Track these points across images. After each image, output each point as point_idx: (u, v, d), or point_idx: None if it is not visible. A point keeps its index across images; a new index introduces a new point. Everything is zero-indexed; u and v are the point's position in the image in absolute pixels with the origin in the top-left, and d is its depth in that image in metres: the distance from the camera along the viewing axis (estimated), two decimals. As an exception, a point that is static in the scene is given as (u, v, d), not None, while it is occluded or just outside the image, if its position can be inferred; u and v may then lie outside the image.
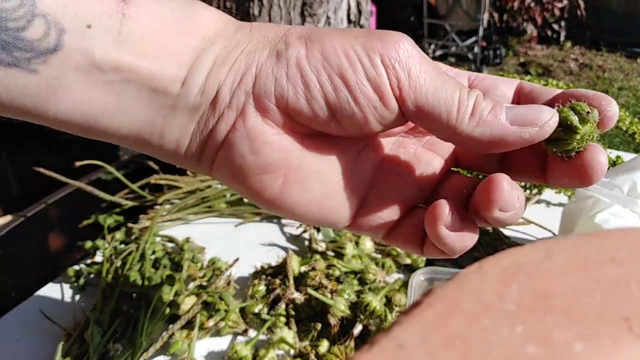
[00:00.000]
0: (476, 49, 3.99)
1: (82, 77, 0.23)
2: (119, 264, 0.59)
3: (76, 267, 0.61)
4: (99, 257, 0.64)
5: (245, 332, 0.52)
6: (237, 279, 0.59)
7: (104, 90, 0.23)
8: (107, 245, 0.63)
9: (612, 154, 0.79)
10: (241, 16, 0.94)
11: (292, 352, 0.49)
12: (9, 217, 0.64)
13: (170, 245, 0.64)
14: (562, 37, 4.49)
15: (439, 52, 4.23)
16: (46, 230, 0.67)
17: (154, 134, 0.25)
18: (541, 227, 0.66)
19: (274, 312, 0.52)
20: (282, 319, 0.51)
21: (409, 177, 0.28)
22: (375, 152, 0.28)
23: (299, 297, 0.53)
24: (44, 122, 0.24)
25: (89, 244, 0.64)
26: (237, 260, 0.59)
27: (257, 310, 0.53)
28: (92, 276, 0.61)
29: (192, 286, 0.57)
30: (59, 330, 0.53)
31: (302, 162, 0.26)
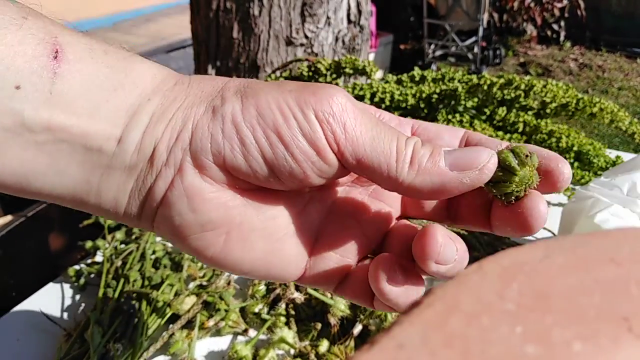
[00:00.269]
0: (476, 49, 3.99)
1: (12, 139, 0.22)
2: (120, 263, 0.59)
3: (76, 267, 0.61)
4: (99, 257, 0.64)
5: (245, 331, 0.52)
6: (237, 278, 0.59)
7: (36, 151, 0.22)
8: (107, 245, 0.63)
9: (612, 154, 0.79)
10: (241, 16, 0.94)
11: (292, 351, 0.49)
12: (9, 217, 0.64)
13: (170, 245, 0.65)
14: (562, 37, 4.49)
15: (438, 52, 4.23)
16: (46, 230, 0.67)
17: (91, 193, 0.24)
18: (541, 227, 0.66)
19: (274, 311, 0.52)
20: (282, 319, 0.51)
21: (356, 229, 0.27)
22: (321, 204, 0.28)
23: (299, 296, 0.53)
24: None
25: (89, 244, 0.64)
26: (237, 260, 0.59)
27: (257, 310, 0.53)
28: (92, 276, 0.61)
29: (192, 286, 0.57)
30: (59, 330, 0.53)
31: (245, 219, 0.25)
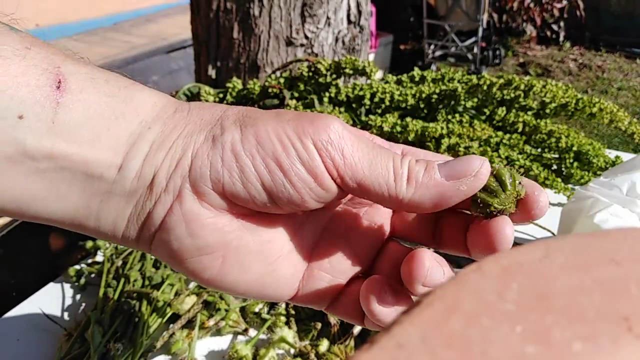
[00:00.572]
0: (475, 50, 3.99)
1: (14, 166, 0.22)
2: (120, 263, 0.59)
3: (77, 267, 0.61)
4: (99, 257, 0.64)
5: (245, 331, 0.53)
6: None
7: (37, 177, 0.23)
8: (107, 245, 0.63)
9: (611, 154, 0.80)
10: (241, 17, 0.94)
11: (292, 351, 0.49)
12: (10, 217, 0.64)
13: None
14: (562, 38, 4.49)
15: (438, 53, 4.23)
16: (47, 230, 0.67)
17: (90, 218, 0.25)
18: (540, 227, 0.66)
19: (274, 311, 0.52)
20: (282, 319, 0.52)
21: (348, 250, 0.28)
22: (315, 226, 0.29)
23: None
24: None
25: (89, 244, 0.64)
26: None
27: (257, 309, 0.54)
28: (92, 276, 0.61)
29: (192, 286, 0.57)
30: (59, 329, 0.53)
31: (241, 243, 0.26)
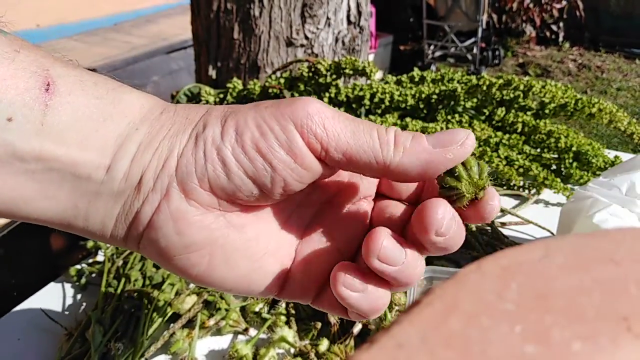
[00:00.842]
0: (475, 50, 3.99)
1: (3, 168, 0.23)
2: (121, 263, 0.59)
3: (78, 267, 0.61)
4: (100, 257, 0.64)
5: (246, 331, 0.53)
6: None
7: (26, 178, 0.23)
8: (108, 244, 0.63)
9: (611, 154, 0.80)
10: (242, 17, 0.94)
11: (292, 350, 0.49)
12: (10, 217, 0.64)
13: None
14: (561, 38, 4.49)
15: (438, 53, 4.23)
16: (48, 230, 0.67)
17: (79, 217, 0.25)
18: (540, 226, 0.66)
19: (275, 311, 0.52)
20: (283, 318, 0.52)
21: (331, 244, 0.29)
22: (299, 222, 0.29)
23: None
24: None
25: (90, 244, 0.64)
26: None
27: (257, 309, 0.54)
28: (93, 275, 0.61)
29: (192, 285, 0.57)
30: (60, 329, 0.53)
31: (227, 240, 0.27)
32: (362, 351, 0.12)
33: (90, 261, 0.63)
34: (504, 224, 0.68)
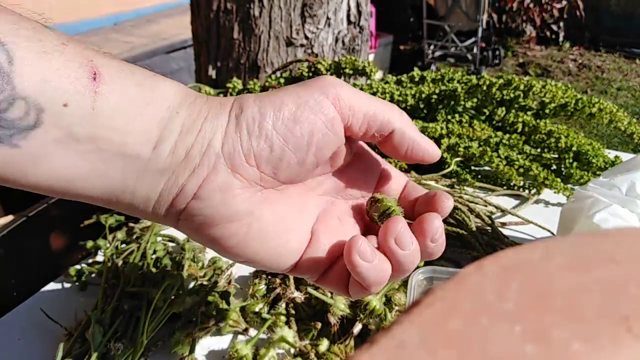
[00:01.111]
0: (475, 50, 3.99)
1: (60, 148, 0.25)
2: (120, 263, 0.59)
3: (77, 267, 0.61)
4: (100, 257, 0.64)
5: (245, 331, 0.53)
6: (238, 278, 0.60)
7: (80, 158, 0.26)
8: (108, 244, 0.63)
9: (611, 154, 0.80)
10: (241, 17, 0.94)
11: (292, 351, 0.49)
12: (10, 217, 0.64)
13: (171, 244, 0.65)
14: (561, 38, 4.49)
15: (438, 53, 4.23)
16: (47, 230, 0.68)
17: (126, 193, 0.28)
18: (540, 226, 0.66)
19: (274, 311, 0.52)
20: (283, 318, 0.52)
21: (341, 228, 0.33)
22: (316, 205, 0.33)
23: (299, 296, 0.53)
24: (22, 187, 0.27)
25: (90, 244, 0.64)
26: (237, 259, 0.59)
27: (257, 309, 0.54)
28: (93, 275, 0.61)
29: (192, 285, 0.57)
30: (60, 329, 0.53)
31: (263, 214, 0.30)
32: (362, 351, 0.12)
33: (90, 261, 0.63)
34: (504, 224, 0.68)
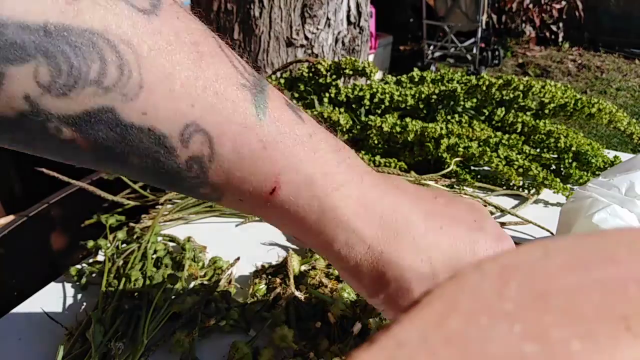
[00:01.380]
0: (475, 50, 3.99)
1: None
2: (121, 263, 0.59)
3: (78, 267, 0.61)
4: (100, 257, 0.64)
5: (246, 330, 0.53)
6: (238, 278, 0.60)
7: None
8: (109, 244, 0.63)
9: (610, 154, 0.80)
10: (242, 18, 0.94)
11: (292, 350, 0.49)
12: (11, 217, 0.64)
13: (171, 244, 0.65)
14: (560, 38, 4.50)
15: (437, 54, 4.23)
16: (48, 229, 0.68)
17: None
18: (539, 226, 0.66)
19: (275, 310, 0.52)
20: (283, 318, 0.52)
21: None
22: None
23: (299, 295, 0.53)
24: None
25: (90, 244, 0.64)
26: (238, 259, 0.59)
27: (257, 309, 0.54)
28: (94, 275, 0.61)
29: (193, 285, 0.57)
30: (61, 329, 0.53)
31: None
32: (362, 351, 0.12)
33: (90, 261, 0.63)
34: (503, 224, 0.68)
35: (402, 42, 4.63)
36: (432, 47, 4.17)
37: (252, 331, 0.53)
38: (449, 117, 0.81)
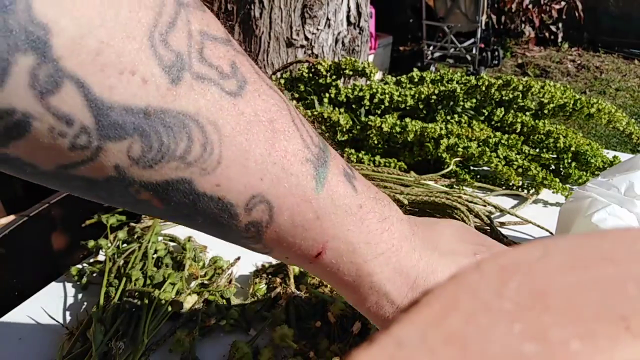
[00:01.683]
0: (474, 51, 3.99)
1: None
2: (122, 263, 0.59)
3: (79, 266, 0.61)
4: (101, 257, 0.64)
5: (246, 330, 0.53)
6: (238, 277, 0.60)
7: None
8: (109, 244, 0.63)
9: (610, 154, 0.80)
10: (242, 18, 0.94)
11: (292, 349, 0.49)
12: (11, 217, 0.64)
13: (172, 244, 0.65)
14: (560, 39, 4.50)
15: (437, 54, 4.24)
16: (49, 229, 0.68)
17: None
18: (538, 226, 0.66)
19: (275, 310, 0.52)
20: (283, 317, 0.52)
21: None
22: None
23: (299, 295, 0.53)
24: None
25: (91, 243, 0.64)
26: (238, 259, 0.59)
27: (258, 308, 0.54)
28: (94, 275, 0.61)
29: (193, 285, 0.57)
30: (61, 328, 0.53)
31: None
32: (362, 350, 0.12)
33: (91, 261, 0.63)
34: (503, 224, 0.68)
35: (402, 43, 4.64)
36: (431, 48, 4.17)
37: (253, 330, 0.53)
38: (448, 118, 0.81)
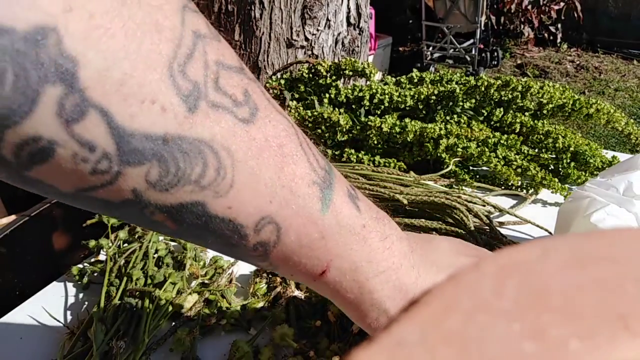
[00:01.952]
0: (474, 51, 3.99)
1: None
2: (123, 262, 0.59)
3: (80, 266, 0.61)
4: (102, 256, 0.64)
5: (246, 329, 0.53)
6: (239, 277, 0.60)
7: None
8: (110, 244, 0.63)
9: (608, 154, 0.80)
10: (242, 19, 0.94)
11: (292, 349, 0.49)
12: (13, 217, 0.64)
13: (173, 243, 0.65)
14: (559, 39, 4.50)
15: (437, 55, 4.24)
16: (50, 229, 0.68)
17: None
18: (537, 226, 0.66)
19: (275, 309, 0.53)
20: (283, 316, 0.52)
21: None
22: None
23: (299, 294, 0.53)
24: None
25: (92, 243, 0.64)
26: (238, 259, 0.60)
27: (258, 307, 0.54)
28: (95, 275, 0.61)
29: (194, 284, 0.57)
30: (62, 328, 0.54)
31: None
32: (361, 349, 0.12)
33: (92, 260, 0.63)
34: (502, 224, 0.68)
35: (402, 43, 4.64)
36: (431, 48, 4.17)
37: (253, 330, 0.53)
38: (447, 118, 0.81)
